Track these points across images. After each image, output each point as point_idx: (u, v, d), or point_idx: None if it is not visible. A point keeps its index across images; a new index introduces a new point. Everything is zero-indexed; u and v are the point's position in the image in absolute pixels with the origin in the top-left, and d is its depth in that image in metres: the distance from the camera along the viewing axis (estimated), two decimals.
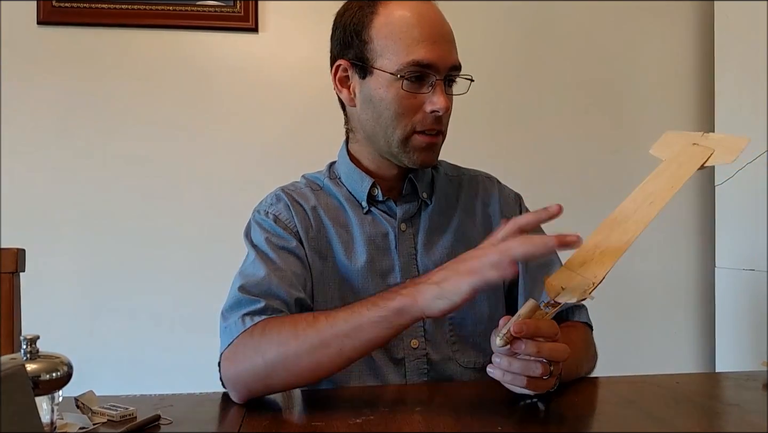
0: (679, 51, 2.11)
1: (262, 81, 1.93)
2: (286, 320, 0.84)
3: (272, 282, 0.92)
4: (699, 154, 0.81)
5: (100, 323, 1.85)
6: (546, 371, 0.74)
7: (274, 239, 0.98)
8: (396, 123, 0.95)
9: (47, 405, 0.66)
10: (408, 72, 0.92)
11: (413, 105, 0.94)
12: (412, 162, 0.98)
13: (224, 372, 0.85)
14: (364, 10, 0.96)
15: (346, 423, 0.73)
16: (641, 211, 0.77)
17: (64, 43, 1.86)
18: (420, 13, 0.93)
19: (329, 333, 0.78)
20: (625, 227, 0.75)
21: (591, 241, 0.76)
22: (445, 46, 0.94)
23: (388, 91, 0.94)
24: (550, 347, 0.74)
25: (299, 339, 0.79)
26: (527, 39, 2.04)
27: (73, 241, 1.86)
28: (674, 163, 0.82)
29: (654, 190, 0.79)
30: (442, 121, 0.96)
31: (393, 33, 0.93)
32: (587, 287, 0.71)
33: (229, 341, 0.86)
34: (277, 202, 1.03)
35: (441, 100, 0.93)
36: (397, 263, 1.01)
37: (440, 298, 0.72)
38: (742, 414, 0.79)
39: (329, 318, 0.80)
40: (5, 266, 1.11)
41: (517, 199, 1.12)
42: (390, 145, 0.97)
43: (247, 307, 0.88)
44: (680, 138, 0.86)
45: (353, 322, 0.77)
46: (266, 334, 0.83)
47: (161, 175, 1.89)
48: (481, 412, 0.78)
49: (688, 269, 2.11)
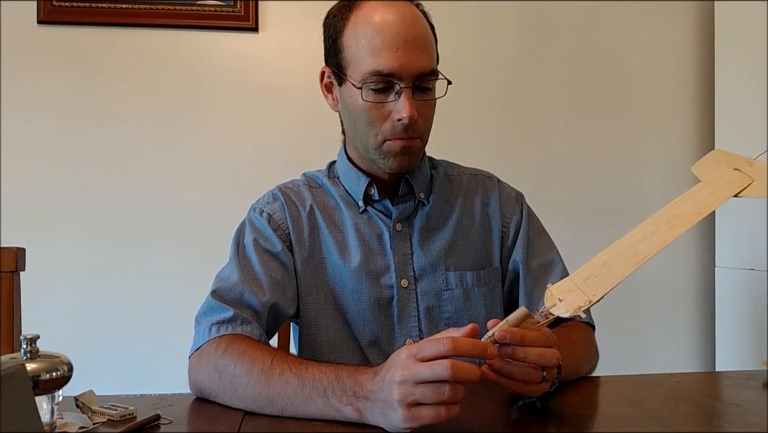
0: (679, 51, 2.11)
1: (262, 81, 1.93)
2: (246, 350, 0.83)
3: (244, 289, 0.93)
4: (736, 182, 0.76)
5: (100, 322, 1.85)
6: (538, 377, 0.74)
7: (261, 241, 0.99)
8: (368, 131, 0.95)
9: (47, 405, 0.66)
10: (370, 82, 0.91)
11: (381, 114, 0.93)
12: (389, 167, 0.98)
13: (189, 371, 0.89)
14: (340, 16, 0.96)
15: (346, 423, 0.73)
16: (659, 234, 0.73)
17: (64, 43, 1.86)
18: (385, 19, 0.91)
19: (277, 393, 0.76)
20: (638, 249, 0.72)
21: (601, 257, 0.74)
22: (410, 53, 0.90)
23: (356, 101, 0.94)
24: (537, 353, 0.72)
25: (250, 382, 0.79)
26: (527, 39, 2.04)
27: (73, 240, 1.86)
28: (708, 187, 0.76)
29: (679, 213, 0.75)
30: (414, 129, 0.94)
31: (357, 42, 0.93)
32: (583, 304, 0.70)
33: (197, 346, 0.89)
34: (273, 201, 1.04)
35: (406, 109, 0.91)
36: (392, 263, 1.01)
37: (389, 427, 0.68)
38: (742, 414, 0.79)
39: (282, 377, 0.77)
40: (5, 265, 1.11)
41: (518, 198, 1.11)
42: (368, 152, 0.98)
43: (217, 315, 0.90)
44: (726, 159, 0.79)
45: (301, 397, 0.75)
46: (225, 356, 0.84)
47: (161, 174, 1.89)
48: (481, 412, 0.78)
49: (688, 269, 2.11)
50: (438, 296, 1.01)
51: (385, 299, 1.00)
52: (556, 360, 0.74)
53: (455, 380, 0.64)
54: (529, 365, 0.73)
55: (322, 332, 1.00)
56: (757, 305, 1.81)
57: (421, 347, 0.67)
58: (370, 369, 0.72)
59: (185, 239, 1.89)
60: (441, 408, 0.65)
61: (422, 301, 1.01)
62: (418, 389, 0.65)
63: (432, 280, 1.01)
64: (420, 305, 1.00)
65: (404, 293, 1.00)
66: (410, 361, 0.66)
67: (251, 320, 0.91)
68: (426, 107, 0.95)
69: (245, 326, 0.89)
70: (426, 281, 1.01)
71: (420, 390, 0.65)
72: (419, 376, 0.65)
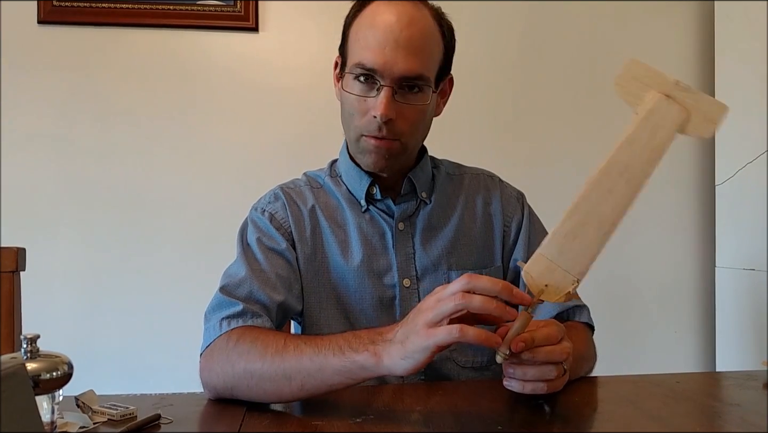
0: (680, 51, 2.11)
1: (262, 81, 1.93)
2: (259, 336, 0.84)
3: (253, 285, 0.93)
4: (674, 116, 0.71)
5: (100, 322, 1.85)
6: (560, 372, 0.76)
7: (265, 240, 0.99)
8: (349, 123, 0.97)
9: (47, 404, 0.66)
10: (352, 73, 0.94)
11: (362, 108, 0.95)
12: (365, 164, 0.99)
13: (200, 371, 0.88)
14: (354, 9, 0.99)
15: (346, 423, 0.73)
16: (618, 191, 0.70)
17: (65, 43, 1.86)
18: (384, 18, 0.93)
19: (294, 367, 0.77)
20: (601, 212, 0.70)
21: (565, 226, 0.71)
22: (397, 53, 0.91)
23: (344, 92, 0.96)
24: (546, 351, 0.74)
25: (265, 364, 0.79)
26: (527, 39, 2.04)
27: (74, 240, 1.86)
28: (646, 127, 0.71)
29: (628, 162, 0.71)
30: (391, 130, 0.94)
31: (356, 36, 0.95)
32: (571, 288, 0.70)
33: (208, 343, 0.89)
34: (275, 201, 1.04)
35: (381, 107, 0.91)
36: (395, 263, 1.01)
37: (405, 358, 0.71)
38: (742, 414, 0.79)
39: (297, 350, 0.78)
40: (5, 265, 1.11)
41: (519, 197, 1.11)
42: (351, 145, 1.00)
43: (227, 310, 0.90)
44: (649, 78, 0.73)
45: (317, 362, 0.76)
46: (238, 345, 0.84)
47: (161, 174, 1.89)
48: (481, 412, 0.78)
49: (688, 269, 2.11)
50: None
51: (388, 299, 1.00)
52: (566, 352, 0.76)
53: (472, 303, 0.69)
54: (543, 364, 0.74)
55: (324, 331, 1.00)
56: (758, 305, 1.81)
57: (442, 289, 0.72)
58: (388, 325, 0.76)
59: (185, 238, 1.89)
60: (455, 327, 0.68)
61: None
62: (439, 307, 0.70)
63: (434, 279, 1.01)
64: None
65: (407, 292, 1.01)
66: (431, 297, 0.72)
67: (261, 313, 0.91)
68: (409, 110, 0.95)
69: (256, 318, 0.89)
70: (428, 280, 1.01)
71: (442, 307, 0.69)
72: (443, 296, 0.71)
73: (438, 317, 0.69)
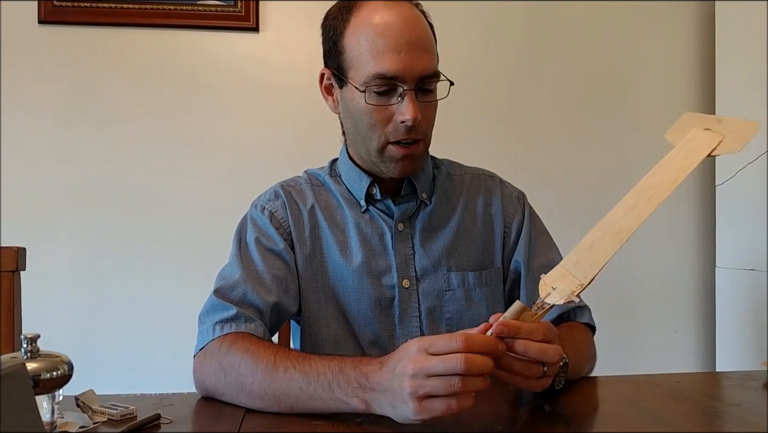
0: (680, 51, 2.11)
1: (262, 81, 1.93)
2: (249, 348, 0.83)
3: (247, 288, 0.93)
4: (708, 142, 0.75)
5: (100, 322, 1.85)
6: (537, 372, 0.72)
7: (263, 240, 0.99)
8: (371, 134, 0.95)
9: (47, 404, 0.66)
10: (373, 85, 0.91)
11: (384, 116, 0.93)
12: (391, 172, 0.97)
13: (194, 371, 0.89)
14: (340, 18, 0.95)
15: (346, 423, 0.73)
16: (639, 207, 0.74)
17: (65, 43, 1.86)
18: (387, 21, 0.90)
19: (283, 391, 0.77)
20: (621, 225, 0.73)
21: (588, 239, 0.74)
22: (413, 55, 0.90)
23: (359, 103, 0.93)
24: (538, 348, 0.71)
25: (255, 381, 0.79)
26: (528, 39, 2.04)
27: (74, 240, 1.86)
28: (681, 152, 0.76)
29: (655, 183, 0.75)
30: (417, 130, 0.93)
31: (359, 44, 0.92)
32: (575, 289, 0.71)
33: (201, 346, 0.89)
34: (275, 199, 1.04)
35: (410, 111, 0.90)
36: (394, 264, 1.01)
37: (397, 416, 0.69)
38: (742, 414, 0.79)
39: (287, 374, 0.77)
40: (5, 264, 1.11)
41: (520, 197, 1.11)
42: (370, 155, 0.97)
43: (220, 313, 0.90)
44: (696, 121, 0.79)
45: (307, 393, 0.75)
46: (230, 354, 0.84)
47: (161, 174, 1.89)
48: (481, 412, 0.78)
49: (688, 269, 2.11)
50: (440, 296, 1.01)
51: (387, 299, 1.00)
52: (558, 356, 0.73)
53: (468, 373, 0.64)
54: (530, 360, 0.72)
55: (322, 331, 1.00)
56: (758, 305, 1.81)
57: (433, 341, 0.67)
58: (375, 360, 0.73)
59: (185, 238, 1.89)
60: (452, 400, 0.65)
61: (424, 301, 1.00)
62: (429, 382, 0.65)
63: (434, 280, 1.01)
64: (421, 305, 1.00)
65: (406, 293, 1.00)
66: (422, 354, 0.67)
67: (254, 317, 0.91)
68: (429, 108, 0.95)
69: (249, 324, 0.89)
70: (428, 281, 1.01)
71: (431, 383, 0.65)
72: (432, 369, 0.65)
73: (430, 392, 0.65)
